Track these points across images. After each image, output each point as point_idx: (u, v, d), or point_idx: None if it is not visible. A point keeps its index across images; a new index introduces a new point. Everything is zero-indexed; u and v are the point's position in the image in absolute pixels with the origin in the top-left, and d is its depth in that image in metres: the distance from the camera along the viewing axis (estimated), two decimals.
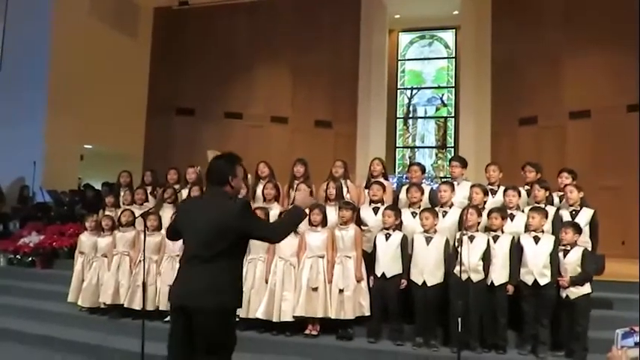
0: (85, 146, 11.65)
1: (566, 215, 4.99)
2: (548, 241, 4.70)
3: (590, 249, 4.80)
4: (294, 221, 3.08)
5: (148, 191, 6.57)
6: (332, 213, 5.29)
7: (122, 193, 6.65)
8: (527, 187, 5.45)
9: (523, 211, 5.07)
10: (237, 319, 5.11)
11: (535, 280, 4.62)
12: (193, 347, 2.80)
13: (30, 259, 7.40)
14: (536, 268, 4.62)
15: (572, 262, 4.56)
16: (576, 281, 4.50)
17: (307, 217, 3.37)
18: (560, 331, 4.63)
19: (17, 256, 7.47)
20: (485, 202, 5.17)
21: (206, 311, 2.73)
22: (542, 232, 4.74)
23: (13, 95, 10.35)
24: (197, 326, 2.76)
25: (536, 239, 4.70)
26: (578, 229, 4.65)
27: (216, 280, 2.78)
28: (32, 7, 10.55)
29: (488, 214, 4.89)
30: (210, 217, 2.82)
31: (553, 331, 4.68)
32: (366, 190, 5.66)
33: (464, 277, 4.53)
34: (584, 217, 4.94)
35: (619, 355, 1.85)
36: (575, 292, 4.51)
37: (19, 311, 6.16)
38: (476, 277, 4.67)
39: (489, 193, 5.36)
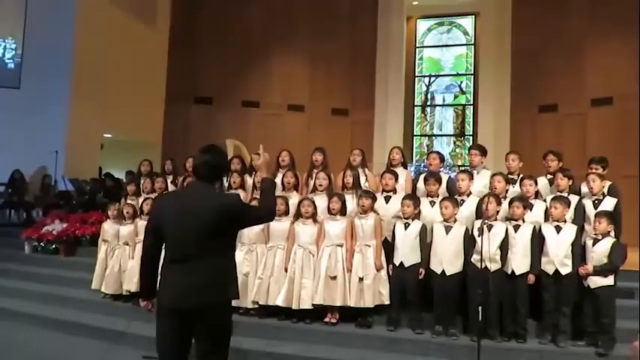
0: (105, 135, 11.79)
1: (588, 204, 4.93)
2: (570, 230, 4.66)
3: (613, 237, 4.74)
4: (271, 193, 3.03)
5: (169, 180, 6.63)
6: (349, 201, 5.30)
7: (143, 182, 6.74)
8: (549, 175, 5.37)
9: (545, 200, 5.02)
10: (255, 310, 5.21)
11: (556, 270, 4.59)
12: (188, 348, 2.75)
13: (53, 246, 7.55)
14: (558, 258, 4.59)
15: (600, 252, 4.52)
16: (600, 271, 4.46)
17: (276, 182, 3.38)
18: (582, 321, 4.60)
19: (41, 244, 7.63)
20: (507, 191, 5.13)
21: (215, 309, 2.69)
22: (565, 221, 4.70)
23: (36, 85, 10.50)
24: (204, 324, 2.67)
25: (558, 229, 4.66)
26: (611, 220, 4.59)
27: (220, 275, 2.74)
28: None
29: (510, 203, 4.85)
30: (210, 211, 2.69)
31: (574, 320, 4.65)
32: None
33: (482, 265, 4.51)
34: (607, 206, 4.87)
35: None
36: (597, 281, 4.47)
37: (43, 297, 6.30)
38: (494, 267, 4.65)
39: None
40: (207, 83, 13.09)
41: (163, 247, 2.84)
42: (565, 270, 4.58)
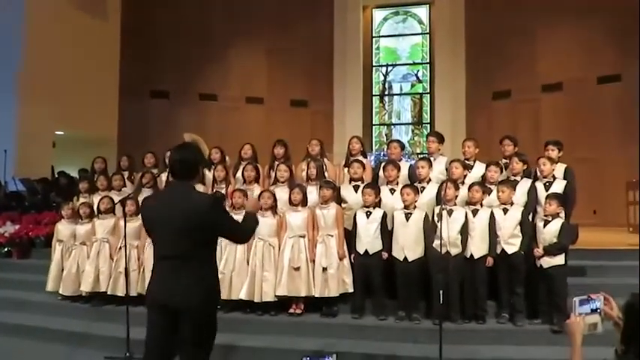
0: (57, 132, 11.40)
1: (540, 187, 5.10)
2: (515, 212, 4.85)
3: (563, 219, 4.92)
4: (253, 226, 3.19)
5: (125, 176, 6.48)
6: (313, 192, 5.32)
7: (97, 179, 6.54)
8: (505, 160, 5.52)
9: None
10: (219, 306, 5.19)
11: (503, 250, 4.77)
12: (173, 345, 2.80)
13: (6, 249, 7.27)
14: (504, 238, 4.79)
15: (550, 233, 4.70)
16: (550, 251, 4.64)
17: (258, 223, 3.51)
18: (537, 300, 4.78)
19: None
20: (465, 177, 5.26)
21: (195, 308, 2.74)
22: (511, 204, 4.87)
23: None
24: (185, 323, 2.74)
25: (505, 211, 4.86)
26: (561, 202, 4.76)
27: (200, 275, 2.79)
28: None
29: (469, 188, 4.98)
30: (184, 213, 2.76)
31: (529, 299, 4.83)
32: (346, 169, 5.69)
33: (443, 250, 4.63)
34: (557, 188, 5.05)
35: (577, 322, 1.92)
36: (549, 261, 4.65)
37: None
38: (454, 251, 4.78)
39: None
40: (163, 76, 12.81)
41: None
42: (511, 249, 4.77)
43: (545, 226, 4.73)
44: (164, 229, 2.81)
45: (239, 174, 5.88)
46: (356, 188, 5.37)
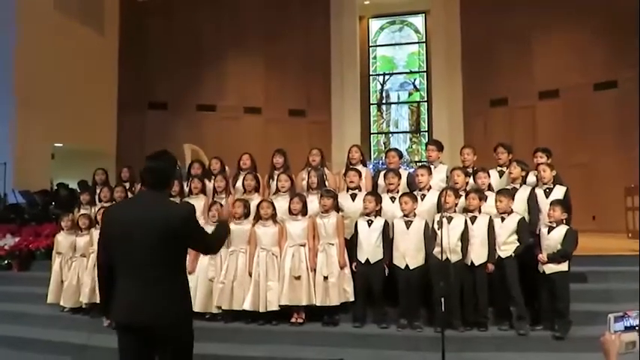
0: (56, 145, 11.40)
1: (540, 194, 5.12)
2: (511, 221, 4.86)
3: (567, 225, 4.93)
4: (223, 236, 3.09)
5: (126, 187, 6.48)
6: (314, 202, 5.32)
7: (98, 191, 6.55)
8: (499, 168, 5.55)
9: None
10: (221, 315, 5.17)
11: (498, 256, 4.80)
12: None
13: (6, 262, 7.25)
14: (498, 245, 4.83)
15: (554, 239, 4.70)
16: (554, 258, 4.64)
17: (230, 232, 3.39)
18: (539, 306, 4.78)
19: None
20: (467, 184, 5.27)
21: (174, 323, 2.63)
22: (509, 212, 4.89)
23: None
24: (163, 341, 2.61)
25: (502, 219, 4.89)
26: (565, 208, 4.77)
27: (176, 288, 2.67)
28: None
29: (466, 195, 4.99)
30: (162, 221, 2.62)
31: (532, 306, 4.83)
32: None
33: (443, 257, 4.63)
34: (558, 194, 5.07)
35: (612, 340, 1.85)
36: (552, 267, 4.64)
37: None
38: (454, 258, 4.78)
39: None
40: (161, 88, 12.86)
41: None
42: (504, 255, 4.79)
43: (549, 232, 4.74)
44: (136, 238, 2.61)
45: (239, 184, 5.89)
46: (353, 197, 5.39)
